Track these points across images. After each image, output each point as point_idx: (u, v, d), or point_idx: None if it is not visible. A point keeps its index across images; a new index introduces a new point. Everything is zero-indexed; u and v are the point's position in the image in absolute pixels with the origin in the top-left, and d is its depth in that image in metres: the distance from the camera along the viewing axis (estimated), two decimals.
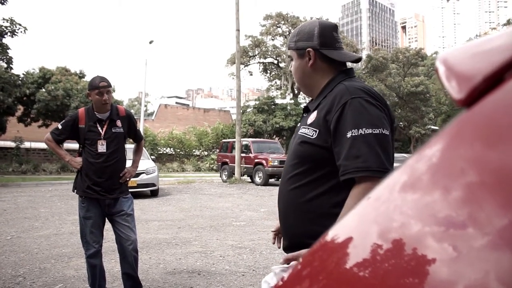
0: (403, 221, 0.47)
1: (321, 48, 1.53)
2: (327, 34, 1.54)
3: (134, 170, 3.73)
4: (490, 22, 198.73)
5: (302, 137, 1.48)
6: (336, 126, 1.35)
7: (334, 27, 1.58)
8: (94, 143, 3.45)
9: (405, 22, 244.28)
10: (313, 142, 1.42)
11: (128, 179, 3.61)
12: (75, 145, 3.64)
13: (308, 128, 1.46)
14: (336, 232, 0.57)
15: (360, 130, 1.28)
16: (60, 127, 3.55)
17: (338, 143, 1.33)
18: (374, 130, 1.29)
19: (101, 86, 3.39)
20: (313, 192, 1.43)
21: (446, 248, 0.41)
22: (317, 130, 1.42)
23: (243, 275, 4.52)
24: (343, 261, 0.53)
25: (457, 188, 0.43)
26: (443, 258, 0.40)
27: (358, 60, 1.62)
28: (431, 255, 0.41)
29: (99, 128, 3.49)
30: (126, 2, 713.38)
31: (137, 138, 3.87)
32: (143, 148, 4.18)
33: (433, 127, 41.19)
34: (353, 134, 1.29)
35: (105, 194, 3.45)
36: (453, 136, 0.48)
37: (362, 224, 0.54)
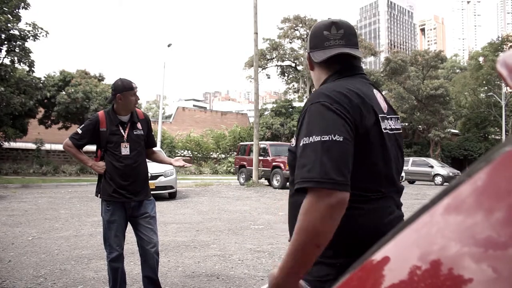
0: (444, 244, 0.47)
1: (311, 50, 1.50)
2: (317, 35, 1.49)
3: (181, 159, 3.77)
4: None
5: (289, 146, 1.47)
6: (297, 135, 1.32)
7: (327, 25, 1.48)
8: (117, 146, 3.43)
9: (424, 24, 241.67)
10: (292, 150, 1.41)
11: (188, 164, 3.69)
12: (92, 148, 3.61)
13: (294, 136, 1.44)
14: (376, 254, 0.57)
15: (311, 137, 1.21)
16: (80, 131, 3.49)
17: (298, 152, 1.28)
18: (323, 137, 1.19)
19: (135, 87, 3.46)
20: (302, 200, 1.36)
21: (485, 270, 0.41)
22: (296, 138, 1.39)
23: (262, 279, 4.48)
24: (379, 282, 0.54)
25: (501, 209, 0.44)
26: (481, 279, 0.41)
27: (336, 57, 1.44)
28: (468, 276, 0.42)
29: (122, 131, 3.48)
30: (146, 6, 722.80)
31: (152, 143, 3.81)
32: (161, 150, 4.15)
33: (453, 130, 40.61)
34: (304, 143, 1.23)
35: (131, 196, 3.45)
36: (503, 159, 0.47)
37: (403, 246, 0.54)
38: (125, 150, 3.43)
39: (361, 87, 1.38)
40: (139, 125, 3.56)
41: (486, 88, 38.02)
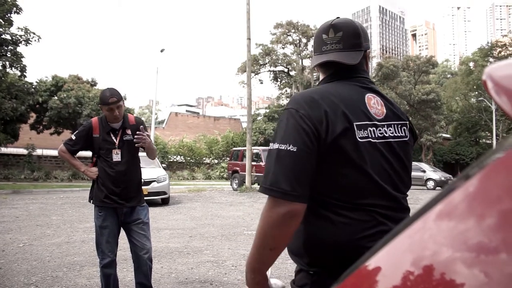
0: (436, 249, 0.48)
1: (314, 54, 1.47)
2: (317, 38, 1.45)
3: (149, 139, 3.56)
4: (501, 29, 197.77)
5: None
6: None
7: (326, 28, 1.43)
8: (109, 152, 3.45)
9: (415, 30, 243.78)
10: None
11: (143, 137, 3.44)
12: (87, 153, 3.62)
13: None
14: (371, 259, 0.58)
15: (273, 144, 1.22)
16: (73, 137, 3.53)
17: None
18: (280, 146, 1.20)
19: (110, 103, 3.36)
20: None
21: (477, 274, 0.41)
22: None
23: None
24: (374, 287, 0.54)
25: (492, 215, 0.44)
26: (473, 284, 0.41)
27: (331, 62, 1.39)
28: (460, 281, 0.42)
29: (113, 138, 3.49)
30: (138, 11, 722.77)
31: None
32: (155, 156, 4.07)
33: (444, 135, 40.91)
34: (269, 148, 1.25)
35: (123, 202, 3.45)
36: (495, 165, 0.48)
37: (396, 252, 0.55)
38: (116, 156, 3.45)
39: (345, 92, 1.33)
40: (129, 131, 3.56)
41: (476, 93, 38.41)
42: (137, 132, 3.45)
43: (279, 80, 39.99)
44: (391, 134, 1.35)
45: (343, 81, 1.39)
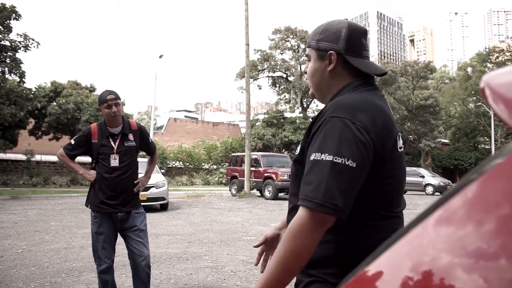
0: (435, 255, 0.48)
1: (345, 53, 1.33)
2: (355, 38, 1.35)
3: (146, 180, 3.74)
4: (499, 35, 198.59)
5: (295, 155, 1.38)
6: (308, 146, 1.23)
7: (364, 32, 1.38)
8: (107, 158, 3.46)
9: (414, 35, 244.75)
10: (297, 159, 1.32)
11: (140, 189, 3.62)
12: (87, 159, 3.64)
13: (300, 145, 1.33)
14: (370, 265, 0.58)
15: (323, 155, 1.13)
16: (73, 142, 3.55)
17: (305, 165, 1.20)
18: (336, 159, 1.11)
19: (108, 99, 3.41)
20: None
21: (476, 280, 0.42)
22: (302, 147, 1.30)
23: None
24: None
25: (491, 221, 0.44)
26: None
27: (383, 74, 1.39)
28: (459, 286, 0.42)
29: (112, 143, 3.50)
30: (137, 17, 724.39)
31: (150, 150, 3.87)
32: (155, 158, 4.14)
33: (443, 140, 40.95)
34: (315, 158, 1.14)
35: (119, 207, 3.45)
36: (495, 171, 0.48)
37: (395, 258, 0.55)
38: (114, 161, 3.46)
39: (380, 102, 1.30)
40: (130, 137, 3.57)
41: (475, 98, 38.49)
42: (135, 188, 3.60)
43: (277, 85, 40.09)
44: (401, 144, 1.38)
45: (370, 91, 1.34)
